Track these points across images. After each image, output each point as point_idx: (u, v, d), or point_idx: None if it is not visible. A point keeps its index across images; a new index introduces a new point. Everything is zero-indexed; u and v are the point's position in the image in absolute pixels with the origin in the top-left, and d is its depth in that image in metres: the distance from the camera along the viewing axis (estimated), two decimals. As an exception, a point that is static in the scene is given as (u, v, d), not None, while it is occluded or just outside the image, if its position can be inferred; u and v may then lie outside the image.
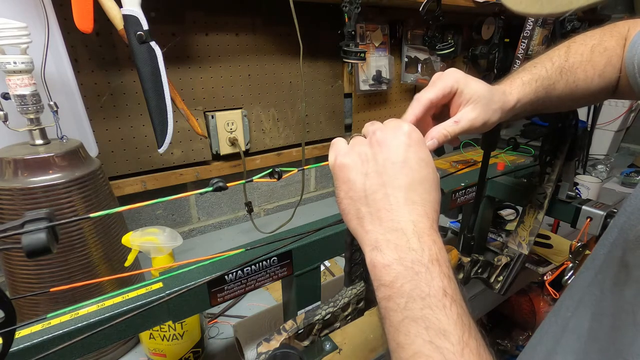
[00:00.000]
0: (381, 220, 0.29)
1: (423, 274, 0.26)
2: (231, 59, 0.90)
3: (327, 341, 0.60)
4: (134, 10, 0.57)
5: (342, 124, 1.17)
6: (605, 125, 1.60)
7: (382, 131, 0.32)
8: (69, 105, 0.64)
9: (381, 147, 0.31)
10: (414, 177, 0.29)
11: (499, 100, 0.40)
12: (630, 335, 0.26)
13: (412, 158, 0.30)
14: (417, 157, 0.30)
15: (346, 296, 0.45)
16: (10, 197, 0.49)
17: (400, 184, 0.29)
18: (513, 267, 0.66)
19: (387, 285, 0.26)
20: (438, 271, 0.26)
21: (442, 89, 0.38)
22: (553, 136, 0.61)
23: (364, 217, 0.30)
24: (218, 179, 0.32)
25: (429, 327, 0.24)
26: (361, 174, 0.30)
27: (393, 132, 0.31)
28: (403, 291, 0.25)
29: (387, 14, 1.11)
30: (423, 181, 0.30)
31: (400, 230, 0.28)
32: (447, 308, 0.25)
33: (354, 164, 0.31)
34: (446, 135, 0.38)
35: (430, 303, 0.25)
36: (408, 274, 0.26)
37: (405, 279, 0.26)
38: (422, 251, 0.27)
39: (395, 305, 0.26)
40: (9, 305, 0.23)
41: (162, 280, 0.42)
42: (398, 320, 0.25)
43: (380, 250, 0.28)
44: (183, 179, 0.91)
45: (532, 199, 0.66)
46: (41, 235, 0.22)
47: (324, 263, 0.85)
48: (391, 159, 0.30)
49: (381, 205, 0.29)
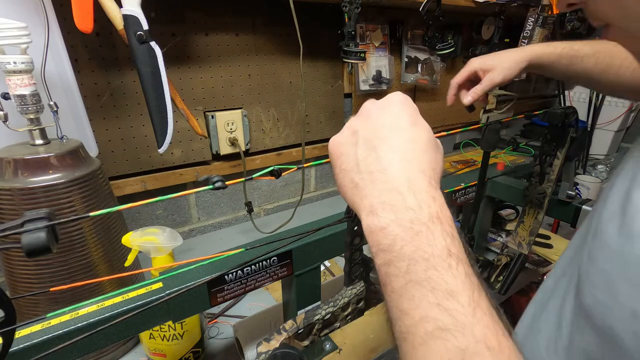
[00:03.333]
0: (374, 183, 0.27)
1: (424, 234, 0.24)
2: (231, 59, 0.90)
3: (327, 341, 0.60)
4: (134, 10, 0.57)
5: (342, 124, 1.16)
6: (605, 125, 1.60)
7: (371, 102, 0.32)
8: (69, 105, 0.64)
9: (370, 115, 0.30)
10: (406, 137, 0.28)
11: (509, 59, 0.63)
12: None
13: (403, 118, 0.29)
14: (407, 117, 0.29)
15: (346, 296, 0.45)
16: (10, 197, 0.49)
17: (391, 144, 0.28)
18: (513, 267, 0.66)
19: (386, 249, 0.24)
20: (440, 229, 0.24)
21: (465, 72, 0.68)
22: (553, 136, 0.61)
23: (358, 184, 0.28)
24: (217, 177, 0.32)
25: (435, 289, 0.22)
26: (352, 145, 0.30)
27: (382, 101, 0.31)
28: (403, 254, 0.24)
29: (387, 14, 1.11)
30: (416, 139, 0.28)
31: (394, 189, 0.26)
32: (453, 268, 0.23)
33: (344, 139, 0.31)
34: (476, 91, 0.66)
35: (435, 264, 0.23)
36: (407, 235, 0.24)
37: (405, 241, 0.24)
38: (421, 209, 0.25)
39: (396, 270, 0.24)
40: (9, 305, 0.23)
41: (162, 280, 0.42)
42: (400, 285, 0.23)
43: (376, 213, 0.26)
44: (183, 179, 0.91)
45: (532, 199, 0.66)
46: (41, 234, 0.22)
47: (324, 263, 0.85)
48: (380, 122, 0.29)
49: (373, 167, 0.28)
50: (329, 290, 0.56)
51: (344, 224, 0.42)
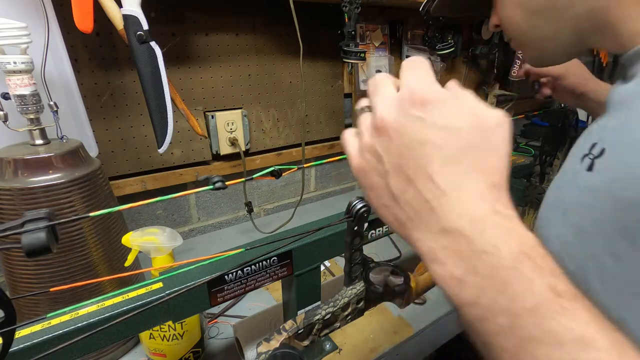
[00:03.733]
0: (426, 225, 0.22)
1: (515, 280, 0.19)
2: (231, 59, 0.90)
3: (327, 341, 0.60)
4: (134, 10, 0.57)
5: (342, 124, 1.17)
6: (605, 125, 1.60)
7: (383, 104, 0.24)
8: (69, 105, 0.64)
9: (388, 132, 0.23)
10: (447, 153, 0.21)
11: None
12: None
13: (436, 126, 0.22)
14: (442, 121, 0.22)
15: (346, 296, 0.45)
16: (10, 197, 0.49)
17: (429, 171, 0.21)
18: (513, 267, 0.66)
19: (470, 304, 0.20)
20: (531, 267, 0.19)
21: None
22: (553, 136, 0.61)
23: (405, 225, 0.23)
24: (218, 177, 0.32)
25: (563, 343, 0.18)
26: (380, 175, 0.24)
27: (397, 104, 0.23)
28: (498, 308, 0.19)
29: (387, 14, 1.11)
30: (464, 149, 0.21)
31: (454, 231, 0.21)
32: (570, 310, 0.18)
33: (369, 166, 0.24)
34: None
35: (546, 313, 0.18)
36: (493, 286, 0.19)
37: (493, 293, 0.19)
38: (498, 249, 0.20)
39: (497, 327, 0.19)
40: (9, 305, 0.23)
41: (162, 280, 0.42)
42: (513, 344, 0.19)
43: (441, 261, 0.21)
44: (183, 179, 0.91)
45: (532, 199, 0.66)
46: (41, 234, 0.22)
47: (324, 263, 0.85)
48: (404, 142, 0.22)
49: (417, 206, 0.22)
50: (329, 290, 0.56)
51: (344, 224, 0.42)
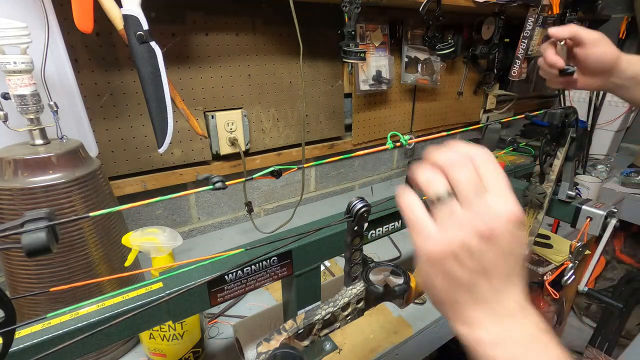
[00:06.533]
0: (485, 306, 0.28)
1: (541, 348, 0.27)
2: (231, 59, 0.90)
3: (327, 341, 0.60)
4: (134, 10, 0.57)
5: (342, 124, 1.17)
6: (605, 125, 1.60)
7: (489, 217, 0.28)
8: (69, 105, 0.64)
9: (490, 243, 0.27)
10: (515, 262, 0.29)
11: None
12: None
13: (517, 245, 0.29)
14: (519, 242, 0.28)
15: (346, 296, 0.45)
16: (10, 197, 0.49)
17: (503, 272, 0.28)
18: (513, 267, 0.66)
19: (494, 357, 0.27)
20: (548, 339, 0.27)
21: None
22: (553, 136, 0.61)
23: (464, 303, 0.29)
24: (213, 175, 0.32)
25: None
26: (466, 270, 0.28)
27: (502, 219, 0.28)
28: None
29: (387, 14, 1.11)
30: (519, 260, 0.29)
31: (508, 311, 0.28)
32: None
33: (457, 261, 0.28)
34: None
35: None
36: (527, 352, 0.27)
37: (520, 354, 0.27)
38: (530, 325, 0.28)
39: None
40: (9, 305, 0.23)
41: (162, 280, 0.42)
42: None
43: (484, 328, 0.28)
44: (183, 179, 0.91)
45: (532, 199, 0.66)
46: (41, 234, 0.22)
47: (324, 263, 0.85)
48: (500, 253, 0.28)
49: (486, 296, 0.28)
50: (329, 290, 0.56)
51: (344, 224, 0.42)
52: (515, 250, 0.28)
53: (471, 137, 1.53)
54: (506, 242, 0.28)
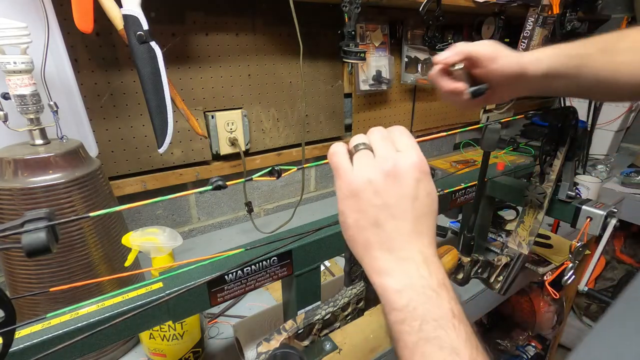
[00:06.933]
0: (391, 250, 0.30)
1: (434, 298, 0.28)
2: (231, 59, 0.90)
3: (327, 341, 0.60)
4: (134, 10, 0.57)
5: (342, 124, 1.17)
6: (605, 125, 1.60)
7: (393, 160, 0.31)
8: (69, 105, 0.64)
9: (394, 181, 0.31)
10: (423, 211, 0.31)
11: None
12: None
13: (422, 193, 0.31)
14: (426, 191, 0.32)
15: (346, 296, 0.45)
16: (10, 197, 0.49)
17: (410, 217, 0.31)
18: (513, 267, 0.66)
19: (400, 309, 0.28)
20: (446, 295, 0.28)
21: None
22: (553, 136, 0.61)
23: (372, 246, 0.31)
24: (218, 178, 0.32)
25: (442, 347, 0.26)
26: (373, 206, 0.31)
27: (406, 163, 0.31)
28: (416, 314, 0.28)
29: (387, 14, 1.11)
30: (429, 213, 0.32)
31: (410, 259, 0.30)
32: (457, 328, 0.27)
33: (366, 196, 0.31)
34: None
35: (442, 324, 0.27)
36: (420, 298, 0.28)
37: (418, 303, 0.28)
38: (431, 277, 0.29)
39: (409, 328, 0.28)
40: (9, 305, 0.23)
41: (162, 280, 0.42)
42: (413, 341, 0.27)
43: (391, 275, 0.30)
44: (183, 179, 0.91)
45: (532, 199, 0.66)
46: (41, 234, 0.22)
47: (324, 263, 0.85)
48: (403, 194, 0.31)
49: (392, 235, 0.31)
50: (329, 290, 0.56)
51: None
52: (420, 196, 0.31)
53: (471, 137, 1.53)
54: (410, 185, 0.31)
